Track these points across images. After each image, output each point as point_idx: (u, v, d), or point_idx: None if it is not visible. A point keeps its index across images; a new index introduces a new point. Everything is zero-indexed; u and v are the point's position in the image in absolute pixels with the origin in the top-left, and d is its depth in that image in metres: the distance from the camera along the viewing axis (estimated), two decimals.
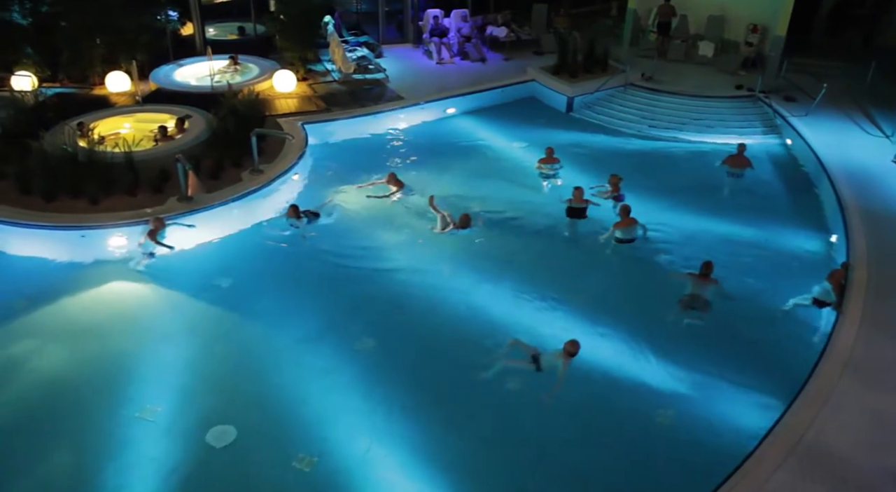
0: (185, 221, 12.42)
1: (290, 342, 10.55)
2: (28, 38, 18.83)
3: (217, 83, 17.93)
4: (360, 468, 8.57)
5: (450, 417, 9.36)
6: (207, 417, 9.22)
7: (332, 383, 9.78)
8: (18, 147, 13.77)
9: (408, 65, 21.14)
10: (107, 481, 8.32)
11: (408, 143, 17.15)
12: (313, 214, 13.13)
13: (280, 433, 9.03)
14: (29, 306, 11.18)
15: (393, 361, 10.24)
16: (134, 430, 8.99)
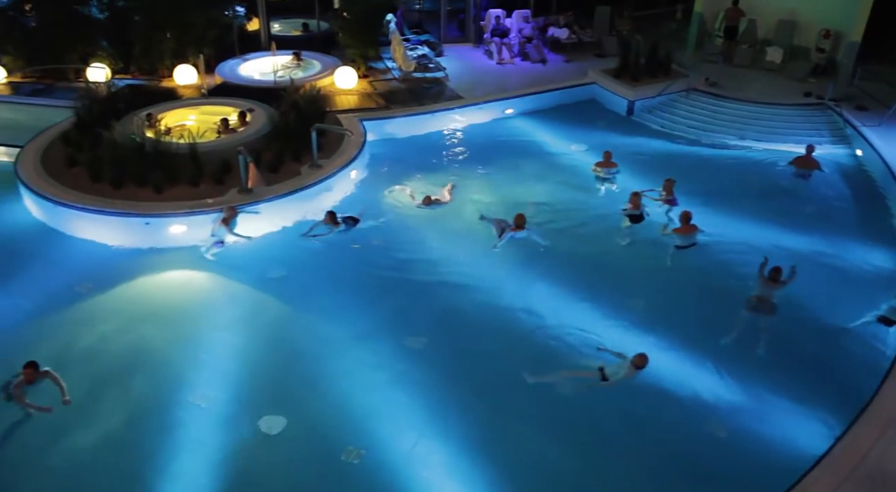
0: (251, 209, 12.69)
1: (342, 336, 10.67)
2: (104, 32, 19.54)
3: (280, 78, 18.26)
4: (406, 464, 8.63)
5: (497, 419, 9.34)
6: (259, 404, 9.42)
7: (382, 379, 9.86)
8: (91, 136, 14.27)
9: (468, 64, 21.14)
10: (160, 462, 8.57)
11: (465, 142, 17.15)
12: (353, 220, 12.91)
13: (329, 425, 9.17)
14: (93, 289, 11.59)
15: (443, 360, 10.25)
16: (188, 413, 9.24)
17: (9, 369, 9.71)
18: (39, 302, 11.19)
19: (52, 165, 13.84)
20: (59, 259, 12.28)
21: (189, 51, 19.25)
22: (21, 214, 13.53)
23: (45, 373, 9.04)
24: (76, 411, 9.07)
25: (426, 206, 13.75)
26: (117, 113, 15.22)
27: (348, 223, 12.84)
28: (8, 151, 14.95)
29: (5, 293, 11.34)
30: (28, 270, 11.93)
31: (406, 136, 17.09)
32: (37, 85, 19.06)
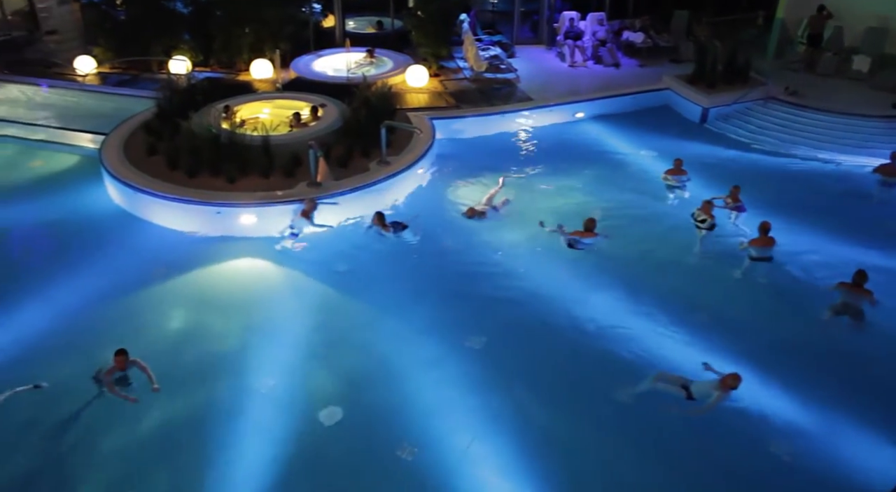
0: (330, 201, 12.93)
1: (403, 332, 10.75)
2: (187, 26, 20.25)
3: (353, 74, 18.53)
4: (460, 465, 8.62)
5: (555, 425, 9.25)
6: (318, 394, 9.58)
7: (440, 377, 9.89)
8: (170, 126, 14.78)
9: (539, 66, 21.01)
10: (221, 446, 8.79)
11: (533, 144, 17.05)
12: (401, 226, 12.79)
13: (385, 419, 9.23)
14: (165, 274, 11.99)
15: (502, 362, 10.21)
16: (250, 399, 9.45)
17: (88, 345, 10.22)
18: (116, 283, 11.64)
19: (134, 152, 14.39)
20: (135, 243, 12.78)
21: (266, 46, 19.73)
22: (103, 198, 14.13)
23: (133, 361, 9.23)
24: (144, 391, 9.35)
25: (469, 217, 13.33)
26: (196, 104, 15.72)
27: (396, 228, 12.71)
28: (94, 139, 15.62)
29: (85, 274, 11.83)
30: (107, 252, 12.44)
31: (474, 136, 17.11)
32: (123, 76, 19.89)
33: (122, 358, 9.11)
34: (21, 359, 10.03)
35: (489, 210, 13.40)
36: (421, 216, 13.23)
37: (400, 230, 12.72)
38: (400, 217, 13.04)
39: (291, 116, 15.37)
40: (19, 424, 9.00)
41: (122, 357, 9.11)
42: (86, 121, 16.66)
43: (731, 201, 13.30)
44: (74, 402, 9.32)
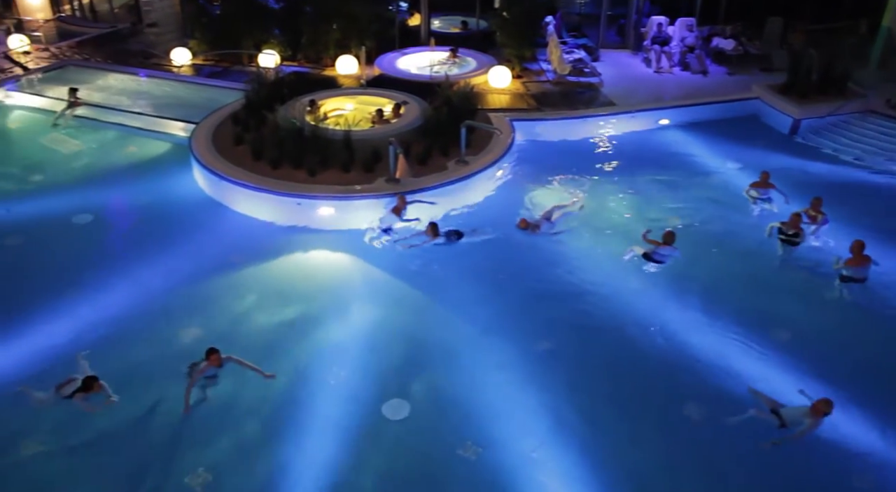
0: (426, 199, 13.09)
1: (472, 333, 10.75)
2: (277, 22, 20.83)
3: (436, 73, 18.66)
4: (523, 468, 8.57)
5: (621, 435, 9.08)
6: (385, 389, 9.66)
7: (507, 379, 9.85)
8: (257, 117, 15.23)
9: (624, 71, 20.65)
10: (288, 433, 8.99)
11: (614, 150, 16.76)
12: (456, 234, 12.62)
13: (450, 417, 9.26)
14: (243, 260, 12.35)
15: (572, 368, 10.10)
16: (319, 389, 9.63)
17: (166, 326, 10.64)
18: (198, 267, 12.07)
19: (221, 142, 14.89)
20: (218, 230, 13.22)
21: (352, 42, 20.10)
22: (191, 185, 14.68)
23: (228, 358, 9.35)
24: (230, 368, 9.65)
25: (521, 229, 12.93)
26: (282, 97, 16.15)
27: (451, 237, 12.53)
28: (185, 127, 16.25)
29: (170, 256, 12.32)
30: (191, 237, 12.92)
31: (554, 139, 16.93)
32: (215, 68, 20.65)
33: (217, 355, 9.23)
34: (107, 336, 10.52)
35: (544, 223, 12.99)
36: (481, 228, 12.95)
37: (454, 239, 12.54)
38: (460, 226, 12.95)
39: (374, 113, 15.60)
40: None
41: (216, 355, 9.22)
42: (178, 110, 17.37)
43: (812, 213, 12.75)
44: (151, 387, 9.67)
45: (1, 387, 9.50)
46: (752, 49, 21.31)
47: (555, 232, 12.88)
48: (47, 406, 9.00)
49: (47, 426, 9.03)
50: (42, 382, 9.28)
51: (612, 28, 23.25)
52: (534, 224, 12.95)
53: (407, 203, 12.79)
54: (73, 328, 10.59)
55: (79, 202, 13.95)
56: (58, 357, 9.93)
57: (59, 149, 16.43)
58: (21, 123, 17.92)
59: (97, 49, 22.47)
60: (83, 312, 10.95)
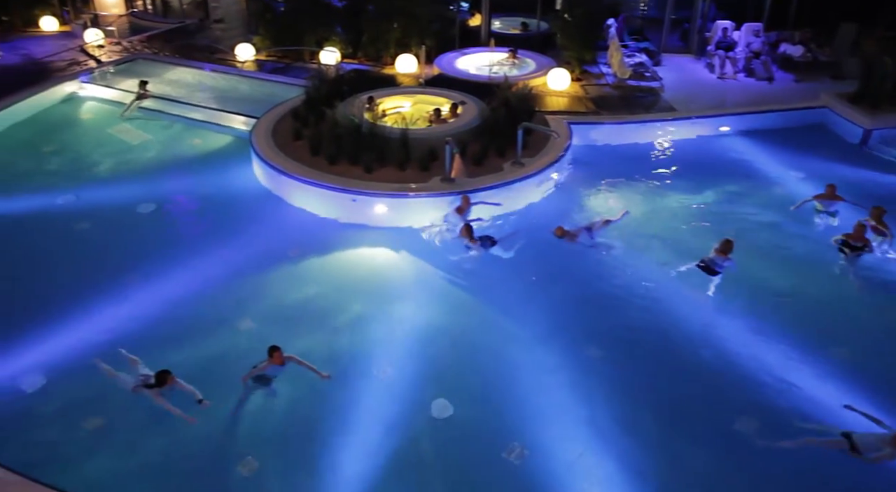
0: (489, 200, 13.11)
1: (523, 336, 10.72)
2: (339, 20, 21.13)
3: (494, 74, 18.64)
4: (567, 474, 8.51)
5: (671, 448, 8.92)
6: (432, 387, 9.70)
7: (556, 383, 9.79)
8: (316, 114, 15.47)
9: (686, 76, 20.29)
10: (335, 426, 9.11)
11: (672, 156, 16.48)
12: (490, 240, 12.39)
13: (496, 419, 9.25)
14: (298, 254, 12.56)
15: (620, 376, 9.97)
16: (368, 384, 9.73)
17: (222, 313, 10.90)
18: (253, 260, 12.31)
19: (281, 137, 15.17)
20: (274, 223, 13.46)
21: (412, 41, 20.25)
22: (250, 178, 14.99)
23: (290, 357, 9.43)
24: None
25: (558, 237, 12.46)
26: (341, 94, 16.36)
27: (485, 243, 12.35)
28: (246, 121, 16.61)
29: (227, 248, 12.61)
30: (248, 229, 13.19)
31: (612, 143, 16.74)
32: (277, 64, 21.07)
33: (279, 354, 9.32)
34: (163, 322, 10.83)
35: (583, 234, 12.54)
36: (518, 234, 12.68)
37: (488, 245, 12.33)
38: (504, 230, 12.87)
39: (431, 112, 15.68)
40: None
41: (278, 353, 9.32)
42: (241, 104, 17.76)
43: (873, 223, 12.32)
44: (205, 375, 9.89)
45: (71, 361, 9.90)
46: (822, 56, 20.68)
47: (591, 245, 12.55)
48: (122, 386, 9.24)
49: (110, 403, 9.32)
50: (112, 361, 9.64)
51: (676, 32, 22.86)
52: (571, 233, 12.55)
53: (471, 203, 12.81)
54: (132, 312, 10.94)
55: (143, 191, 14.41)
56: (118, 339, 10.26)
57: (126, 139, 16.99)
58: (92, 114, 18.59)
59: (166, 43, 23.16)
60: (143, 297, 11.30)
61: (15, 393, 9.45)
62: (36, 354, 10.05)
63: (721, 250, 11.65)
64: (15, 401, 9.35)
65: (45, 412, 9.23)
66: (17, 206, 13.90)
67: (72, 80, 19.34)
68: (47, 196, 14.21)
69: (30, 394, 9.47)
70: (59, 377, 9.72)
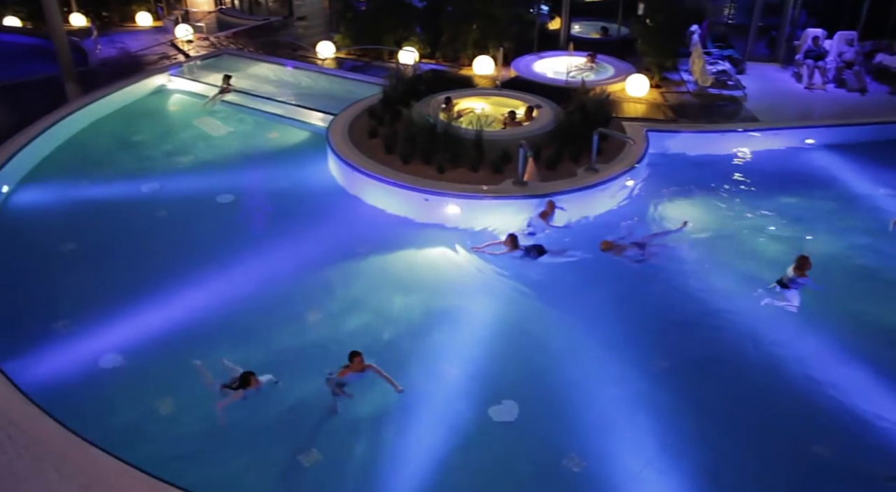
0: (560, 204, 13.03)
1: (588, 344, 10.57)
2: (419, 20, 21.32)
3: (572, 78, 18.47)
4: (628, 486, 8.32)
5: (736, 467, 8.63)
6: (495, 390, 9.64)
7: (620, 394, 9.60)
8: (392, 112, 15.64)
9: (771, 85, 19.63)
10: (397, 424, 9.14)
11: (753, 168, 15.96)
12: (537, 250, 12.20)
13: (557, 426, 9.14)
14: (368, 251, 12.69)
15: (689, 391, 9.71)
16: (430, 383, 9.72)
17: (293, 307, 11.12)
18: (324, 254, 12.52)
19: (356, 134, 15.40)
20: (346, 219, 13.68)
21: (490, 43, 20.25)
22: (325, 174, 15.27)
23: (369, 366, 9.29)
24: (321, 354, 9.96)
25: (604, 251, 12.18)
26: (418, 94, 16.48)
27: (531, 252, 12.18)
28: (324, 118, 16.94)
29: (299, 241, 12.86)
30: (320, 224, 13.44)
31: (690, 153, 16.34)
32: (356, 62, 21.43)
33: (360, 360, 9.19)
34: (238, 312, 11.12)
35: (632, 249, 12.24)
36: (571, 247, 12.54)
37: (534, 255, 12.17)
38: (560, 242, 12.68)
39: (506, 114, 15.63)
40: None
41: (359, 358, 9.20)
42: (319, 100, 18.14)
43: None
44: (273, 367, 10.11)
45: (147, 344, 10.30)
46: None
47: (639, 260, 12.16)
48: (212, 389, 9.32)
49: (186, 392, 9.60)
50: (184, 345, 10.08)
51: (762, 40, 22.15)
52: (619, 246, 12.25)
53: (556, 208, 12.74)
54: (206, 300, 11.27)
55: (223, 182, 14.86)
56: (193, 325, 10.65)
57: (209, 131, 17.57)
58: (178, 106, 19.30)
59: (251, 40, 23.87)
60: (217, 285, 11.63)
61: (95, 371, 9.84)
62: (114, 334, 10.46)
63: (798, 268, 11.20)
64: (94, 380, 9.74)
65: (122, 392, 9.59)
66: (105, 191, 14.56)
67: (161, 73, 20.15)
68: (133, 183, 14.83)
69: (108, 372, 9.85)
70: (134, 358, 10.10)
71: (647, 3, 20.71)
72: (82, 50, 22.68)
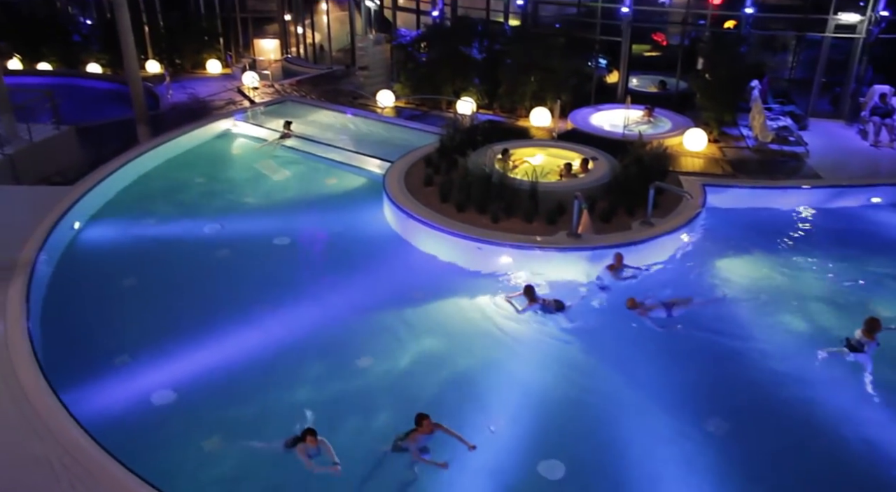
0: (636, 266, 12.99)
1: (639, 401, 10.31)
2: (478, 71, 21.69)
3: (629, 131, 18.44)
4: None
5: None
6: (543, 446, 9.45)
7: (672, 454, 9.29)
8: (448, 161, 15.85)
9: (835, 143, 19.22)
10: (440, 482, 9.00)
11: (813, 225, 15.56)
12: (557, 304, 12.12)
13: (608, 485, 8.89)
14: (421, 297, 12.74)
15: (746, 454, 9.35)
16: (478, 435, 9.54)
17: (345, 350, 11.20)
18: (376, 298, 12.62)
19: (412, 181, 15.62)
20: (400, 265, 13.80)
21: (548, 95, 20.43)
22: (380, 219, 15.48)
23: (437, 425, 9.19)
24: (395, 402, 9.97)
25: (629, 308, 11.91)
26: (474, 144, 16.70)
27: (548, 306, 12.03)
28: (381, 165, 17.25)
29: (353, 285, 13.02)
30: (374, 269, 13.58)
31: (749, 208, 16.01)
32: (415, 111, 21.86)
33: (428, 422, 9.06)
34: (290, 352, 11.24)
35: (659, 310, 11.92)
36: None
37: (552, 309, 12.02)
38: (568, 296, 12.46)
39: (562, 166, 15.67)
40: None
41: (427, 421, 9.06)
42: (377, 148, 18.52)
43: None
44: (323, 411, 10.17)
45: (199, 380, 10.46)
46: None
47: (664, 323, 11.85)
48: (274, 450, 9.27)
49: (234, 432, 9.69)
50: (235, 385, 10.25)
51: (826, 96, 21.79)
52: (645, 306, 11.97)
53: (624, 263, 12.67)
54: (260, 340, 11.44)
55: (280, 224, 15.20)
56: (245, 365, 10.82)
57: (269, 174, 18.08)
58: (241, 150, 19.97)
59: (314, 87, 24.66)
60: (271, 325, 11.81)
61: (147, 406, 10.03)
62: (168, 370, 10.68)
63: (868, 331, 10.77)
64: (147, 414, 9.92)
65: (171, 429, 9.73)
66: (168, 229, 15.05)
67: (227, 118, 20.94)
68: (195, 223, 15.29)
69: (160, 408, 10.03)
70: (186, 395, 10.25)
71: (707, 57, 20.65)
72: (155, 95, 23.81)
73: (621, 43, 21.46)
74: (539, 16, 23.05)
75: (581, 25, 21.96)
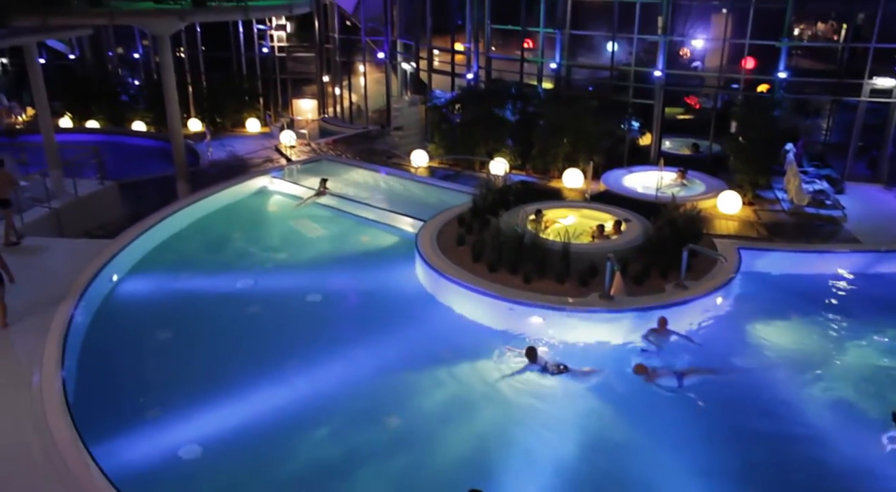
0: (686, 335, 12.80)
1: (676, 467, 10.02)
2: (511, 132, 22.01)
3: (662, 194, 18.42)
4: None
5: None
6: None
7: None
8: (480, 221, 15.94)
9: (873, 207, 18.97)
10: None
11: (853, 293, 15.19)
12: (557, 367, 11.94)
13: None
14: (452, 357, 12.62)
15: None
16: None
17: (373, 408, 11.09)
18: (408, 357, 12.57)
19: (445, 240, 15.70)
20: (431, 324, 13.74)
21: (580, 157, 20.61)
22: (411, 278, 15.51)
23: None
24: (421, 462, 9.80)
25: (636, 373, 11.86)
26: (507, 204, 16.80)
27: (549, 369, 11.92)
28: (413, 223, 17.40)
29: (382, 343, 12.98)
30: (404, 328, 13.52)
31: (785, 273, 15.72)
32: (448, 171, 22.15)
33: None
34: (317, 409, 11.20)
35: (669, 376, 11.77)
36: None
37: (553, 371, 11.90)
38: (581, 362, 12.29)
39: (595, 227, 15.66)
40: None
41: None
42: (410, 207, 18.70)
43: None
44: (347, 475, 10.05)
45: (226, 436, 10.44)
46: None
47: (673, 390, 11.62)
48: None
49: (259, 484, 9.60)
50: (262, 441, 10.19)
51: (863, 160, 21.62)
52: (653, 373, 11.83)
53: (667, 326, 12.52)
54: (289, 397, 11.40)
55: (313, 281, 15.31)
56: (273, 421, 10.78)
57: (304, 231, 18.34)
58: (277, 207, 20.33)
59: (349, 146, 25.20)
60: (301, 382, 11.79)
61: (174, 461, 10.00)
62: (197, 425, 10.66)
63: None
64: (174, 469, 9.89)
65: (196, 484, 9.67)
66: (203, 284, 15.24)
67: (264, 175, 21.40)
68: (229, 278, 15.46)
69: (187, 462, 9.98)
70: (212, 450, 10.20)
71: (741, 121, 20.70)
72: (195, 152, 24.53)
73: (654, 106, 21.68)
74: (572, 79, 23.45)
75: (614, 88, 22.30)
